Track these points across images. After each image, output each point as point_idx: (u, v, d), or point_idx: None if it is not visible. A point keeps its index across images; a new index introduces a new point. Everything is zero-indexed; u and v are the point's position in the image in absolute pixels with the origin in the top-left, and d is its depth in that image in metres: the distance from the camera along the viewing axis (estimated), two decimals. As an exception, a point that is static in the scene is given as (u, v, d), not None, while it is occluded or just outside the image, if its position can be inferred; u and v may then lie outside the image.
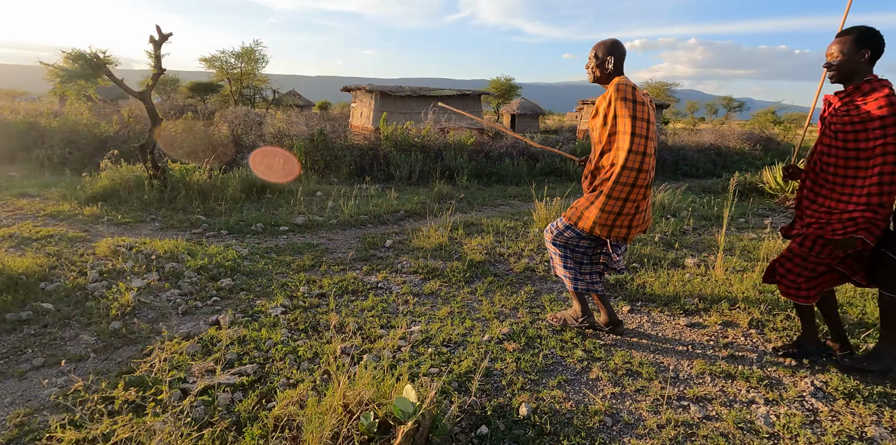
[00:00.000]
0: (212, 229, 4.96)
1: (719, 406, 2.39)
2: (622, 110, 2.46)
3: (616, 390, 2.49)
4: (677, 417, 2.28)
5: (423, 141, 8.75)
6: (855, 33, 2.30)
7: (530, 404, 2.32)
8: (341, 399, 2.04)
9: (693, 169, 11.74)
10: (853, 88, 2.33)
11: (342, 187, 7.46)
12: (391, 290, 3.66)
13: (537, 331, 3.04)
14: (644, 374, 2.63)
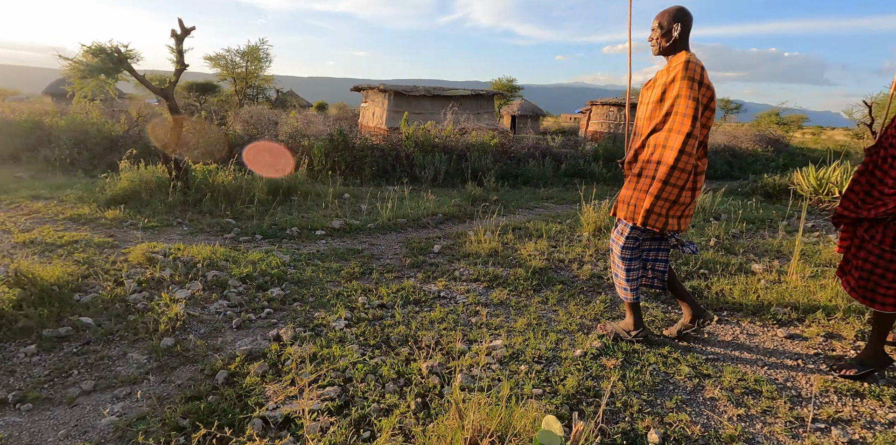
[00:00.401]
0: (245, 233, 4.65)
1: (860, 428, 2.14)
2: (686, 90, 2.25)
3: (741, 411, 2.24)
4: (820, 442, 2.03)
5: (444, 142, 8.49)
6: None
7: (658, 429, 2.06)
8: (464, 431, 1.76)
9: (711, 171, 11.58)
10: None
11: (368, 188, 7.16)
12: (456, 299, 3.39)
13: (630, 345, 2.78)
14: (764, 392, 2.38)
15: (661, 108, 2.36)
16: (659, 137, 2.36)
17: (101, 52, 4.66)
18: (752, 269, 4.11)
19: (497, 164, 8.19)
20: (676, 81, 2.29)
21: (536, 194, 7.43)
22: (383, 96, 11.35)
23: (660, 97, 2.36)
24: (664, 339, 2.88)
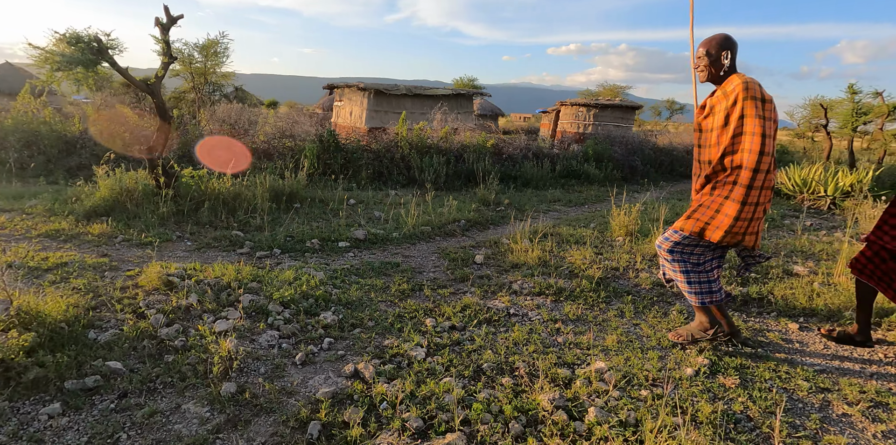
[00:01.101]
0: (259, 247, 4.14)
1: None
2: (751, 110, 2.31)
3: (882, 427, 2.12)
4: None
5: (438, 143, 8.16)
6: None
7: None
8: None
9: (686, 169, 11.93)
10: None
11: (368, 192, 6.72)
12: (529, 317, 3.11)
13: (733, 359, 2.62)
14: (892, 404, 2.28)
15: (726, 132, 2.39)
16: (733, 160, 2.38)
17: (77, 40, 3.99)
18: (795, 271, 4.10)
19: (496, 166, 7.96)
20: (739, 102, 2.33)
21: (543, 197, 7.26)
22: (362, 95, 10.84)
23: (724, 122, 2.40)
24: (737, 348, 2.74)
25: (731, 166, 2.40)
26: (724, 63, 2.46)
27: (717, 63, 2.46)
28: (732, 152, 2.39)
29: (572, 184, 8.54)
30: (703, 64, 2.50)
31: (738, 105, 2.35)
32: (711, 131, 2.49)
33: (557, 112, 19.94)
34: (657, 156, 11.61)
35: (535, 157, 9.08)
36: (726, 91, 2.43)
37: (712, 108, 2.50)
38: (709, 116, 2.52)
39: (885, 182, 8.11)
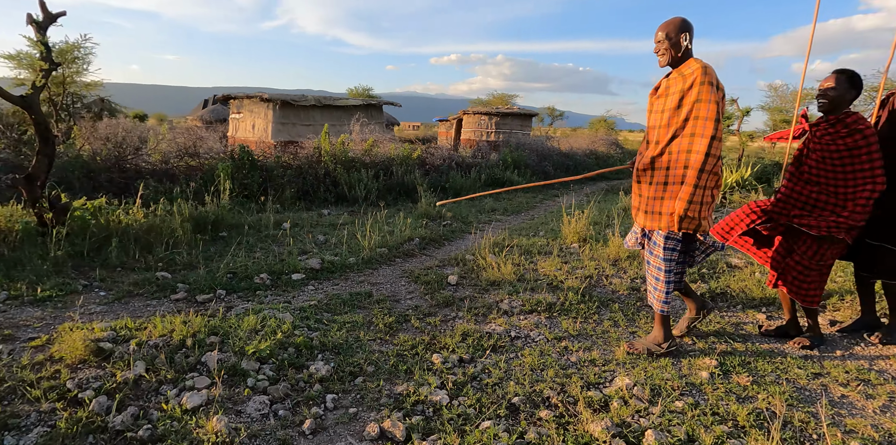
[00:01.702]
0: (198, 290, 3.49)
1: None
2: (706, 95, 2.31)
3: (877, 403, 2.34)
4: None
5: (363, 156, 7.76)
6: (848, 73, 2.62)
7: (853, 441, 1.99)
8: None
9: (588, 172, 12.85)
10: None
11: (296, 213, 6.12)
12: (532, 338, 2.98)
13: (734, 357, 2.74)
14: (873, 380, 2.54)
15: (678, 114, 2.40)
16: (682, 143, 2.40)
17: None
18: (734, 263, 4.51)
19: (425, 177, 7.78)
20: (695, 86, 2.34)
21: (479, 207, 7.23)
22: (266, 107, 9.98)
23: (677, 104, 2.40)
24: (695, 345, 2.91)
25: (679, 149, 2.41)
26: (683, 45, 2.42)
27: (678, 46, 2.43)
28: (682, 136, 2.39)
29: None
30: (664, 47, 2.45)
31: (694, 89, 2.33)
32: (663, 113, 2.47)
33: (459, 121, 20.39)
34: (563, 160, 12.35)
35: (459, 166, 9.09)
36: (684, 74, 2.41)
37: (667, 88, 2.48)
38: (661, 97, 2.51)
39: (761, 177, 9.46)
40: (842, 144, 2.58)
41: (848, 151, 2.58)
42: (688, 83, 2.36)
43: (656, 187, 2.53)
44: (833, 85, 2.60)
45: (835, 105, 2.62)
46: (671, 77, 2.50)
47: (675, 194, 2.45)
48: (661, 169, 2.49)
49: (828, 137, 2.63)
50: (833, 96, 2.60)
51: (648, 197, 2.57)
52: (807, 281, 2.80)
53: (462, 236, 5.46)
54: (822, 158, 2.66)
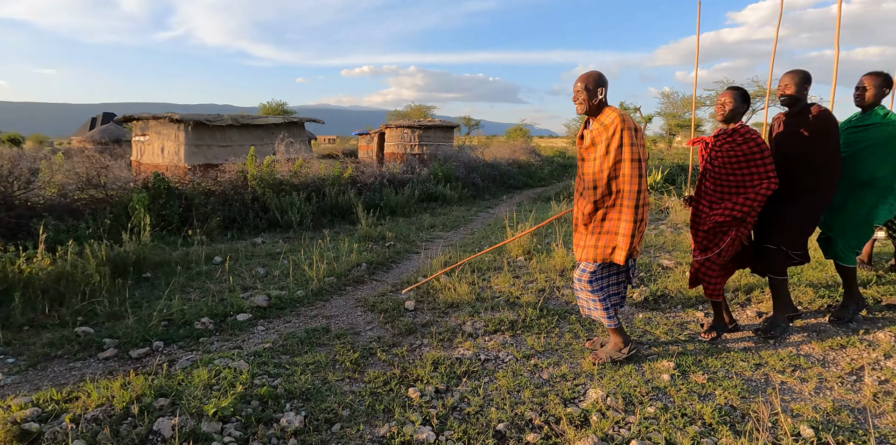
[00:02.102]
0: (130, 343, 3.12)
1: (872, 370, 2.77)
2: (627, 139, 2.58)
3: (811, 386, 2.62)
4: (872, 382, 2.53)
5: (291, 178, 7.43)
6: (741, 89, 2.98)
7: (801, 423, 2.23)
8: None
9: (513, 181, 13.32)
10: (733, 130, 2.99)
11: (230, 244, 5.70)
12: (501, 359, 3.00)
13: (687, 357, 2.95)
14: (804, 365, 2.85)
15: (608, 159, 2.64)
16: (616, 184, 2.65)
17: None
18: (665, 265, 4.89)
19: (359, 197, 7.61)
20: (617, 133, 2.60)
21: (417, 224, 7.20)
22: (177, 128, 9.23)
23: (605, 151, 2.64)
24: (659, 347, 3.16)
25: (615, 190, 2.67)
26: (599, 97, 2.67)
27: (595, 97, 2.67)
28: (615, 177, 2.65)
29: (434, 207, 8.72)
30: (583, 98, 2.68)
31: (616, 135, 2.59)
32: (595, 160, 2.70)
33: (381, 134, 20.28)
34: (490, 171, 12.71)
35: (391, 183, 9.02)
36: (605, 123, 2.65)
37: (593, 139, 2.71)
38: (590, 147, 2.74)
39: (668, 179, 10.37)
40: (739, 151, 2.92)
41: (745, 157, 2.92)
42: (611, 132, 2.61)
43: (594, 224, 2.75)
44: (728, 100, 2.94)
45: (731, 117, 2.97)
46: (593, 128, 2.71)
47: (612, 230, 2.70)
48: (601, 208, 2.72)
49: (727, 146, 2.96)
50: (729, 110, 2.95)
51: (588, 234, 2.78)
52: (709, 275, 3.12)
53: (408, 257, 5.40)
54: (724, 164, 2.99)
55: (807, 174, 3.04)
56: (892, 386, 2.65)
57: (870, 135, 3.21)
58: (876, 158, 3.17)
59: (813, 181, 3.04)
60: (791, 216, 3.09)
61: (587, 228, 2.80)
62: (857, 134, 3.27)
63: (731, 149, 2.95)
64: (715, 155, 3.05)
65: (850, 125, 3.34)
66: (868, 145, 3.20)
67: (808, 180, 3.05)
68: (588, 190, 2.75)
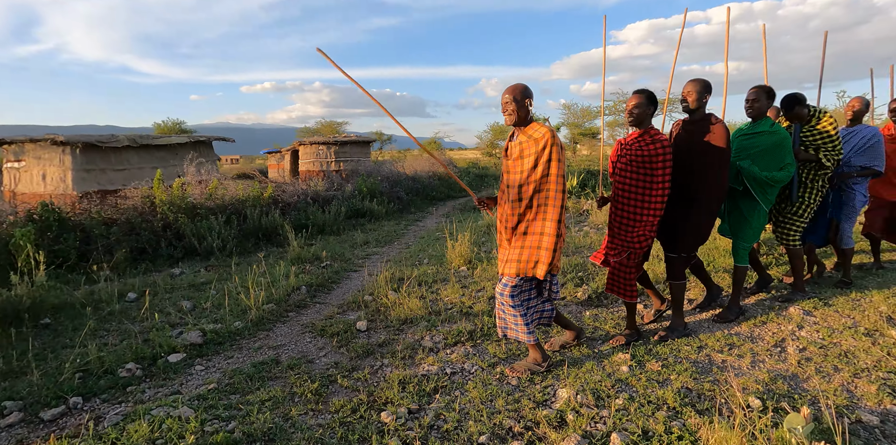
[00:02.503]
0: (40, 403, 2.64)
1: (794, 341, 3.14)
2: (556, 155, 2.63)
3: (747, 361, 2.91)
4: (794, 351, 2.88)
5: (206, 201, 6.87)
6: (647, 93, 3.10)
7: (748, 395, 2.46)
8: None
9: (436, 193, 13.44)
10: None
11: (144, 278, 5.08)
12: (468, 370, 2.98)
13: (638, 347, 3.13)
14: (736, 343, 3.16)
15: (535, 173, 2.67)
16: (540, 197, 2.69)
17: None
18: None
19: (284, 217, 7.22)
20: (547, 148, 2.63)
21: (350, 242, 6.96)
22: (61, 151, 8.12)
23: (533, 164, 2.66)
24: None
25: (538, 204, 2.69)
26: (529, 109, 2.68)
27: (524, 108, 2.67)
28: (540, 191, 2.67)
29: (363, 223, 8.52)
30: (512, 108, 2.67)
31: (546, 150, 2.62)
32: (522, 173, 2.70)
33: (294, 152, 19.52)
34: (413, 184, 12.73)
35: (315, 201, 8.68)
36: (534, 137, 2.67)
37: (521, 152, 2.72)
38: (517, 160, 2.74)
39: (583, 184, 11.09)
40: (646, 151, 3.02)
41: (649, 158, 3.02)
42: (541, 146, 2.63)
43: (518, 237, 2.76)
44: (637, 103, 3.03)
45: (640, 120, 3.06)
46: (521, 141, 2.72)
47: (534, 244, 2.69)
48: (526, 221, 2.74)
49: (636, 145, 3.08)
50: (638, 113, 3.03)
51: (511, 248, 2.78)
52: (624, 279, 3.21)
53: (347, 276, 5.20)
54: (629, 162, 3.09)
55: (703, 178, 3.16)
56: (810, 353, 3.02)
57: (758, 142, 3.45)
58: (763, 162, 3.41)
59: (709, 185, 3.16)
60: (693, 225, 3.21)
61: (510, 243, 2.80)
62: (748, 141, 3.51)
63: (640, 149, 3.05)
64: (624, 153, 3.15)
65: (742, 133, 3.59)
66: (757, 151, 3.44)
67: (705, 184, 3.16)
68: (513, 203, 2.74)
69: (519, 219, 2.75)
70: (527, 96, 2.68)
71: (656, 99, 3.11)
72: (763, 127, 3.49)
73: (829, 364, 2.87)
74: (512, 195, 2.74)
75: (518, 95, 2.67)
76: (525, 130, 2.72)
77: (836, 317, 3.53)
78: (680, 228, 3.25)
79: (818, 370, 2.81)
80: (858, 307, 3.70)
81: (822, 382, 2.67)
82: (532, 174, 2.67)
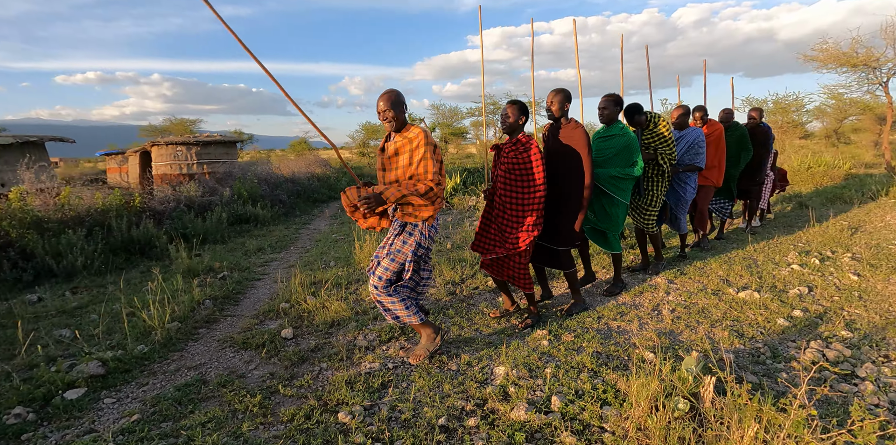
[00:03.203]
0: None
1: (667, 294, 3.88)
2: (429, 154, 2.85)
3: (635, 325, 3.55)
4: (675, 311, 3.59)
5: (53, 213, 5.82)
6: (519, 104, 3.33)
7: (641, 352, 3.04)
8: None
9: (318, 194, 13.02)
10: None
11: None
12: (407, 363, 3.11)
13: (550, 324, 3.58)
14: (624, 310, 3.81)
15: (411, 169, 2.91)
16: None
17: None
18: (496, 254, 5.64)
19: (158, 227, 6.45)
20: (420, 147, 2.86)
21: (241, 250, 6.49)
22: None
23: (409, 162, 2.90)
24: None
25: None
26: (404, 114, 2.90)
27: (401, 115, 2.89)
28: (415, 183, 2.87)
29: (249, 229, 7.97)
30: (391, 116, 2.85)
31: (420, 148, 2.86)
32: (398, 169, 2.94)
33: (145, 153, 17.18)
34: (293, 186, 12.19)
35: (189, 208, 7.88)
36: (409, 138, 2.89)
37: (397, 149, 2.92)
38: (393, 157, 2.96)
39: (466, 181, 11.71)
40: (521, 158, 3.30)
41: (523, 164, 3.30)
42: (415, 144, 2.87)
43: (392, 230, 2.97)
44: (509, 114, 3.29)
45: (513, 129, 3.32)
46: (396, 141, 2.93)
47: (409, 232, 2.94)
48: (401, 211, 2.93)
49: (512, 154, 3.34)
50: (510, 123, 3.29)
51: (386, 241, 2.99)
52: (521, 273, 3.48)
53: (252, 285, 4.92)
54: (508, 170, 3.36)
55: (571, 177, 3.49)
56: (679, 313, 3.76)
57: (612, 143, 3.90)
58: (618, 160, 3.87)
59: (577, 183, 3.48)
60: (569, 221, 3.54)
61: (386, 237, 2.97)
62: (604, 143, 3.95)
63: (516, 157, 3.31)
64: (504, 161, 3.40)
65: (599, 136, 4.02)
66: (612, 152, 3.89)
67: (573, 183, 3.49)
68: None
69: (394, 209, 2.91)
70: (402, 103, 2.89)
71: (527, 108, 3.35)
72: (614, 131, 3.92)
73: (693, 320, 3.62)
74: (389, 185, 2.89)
75: (394, 103, 2.85)
76: (402, 132, 2.92)
77: (691, 283, 4.43)
78: (557, 223, 3.57)
79: (686, 325, 3.53)
80: (704, 273, 4.67)
81: (691, 334, 3.38)
82: (408, 170, 2.88)
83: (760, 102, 19.64)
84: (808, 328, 3.41)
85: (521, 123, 3.32)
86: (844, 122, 20.07)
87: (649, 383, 2.33)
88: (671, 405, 2.25)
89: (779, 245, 5.66)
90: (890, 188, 8.76)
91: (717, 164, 5.42)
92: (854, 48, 11.04)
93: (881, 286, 4.20)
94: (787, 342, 3.21)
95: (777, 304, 3.84)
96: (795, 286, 4.24)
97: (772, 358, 2.98)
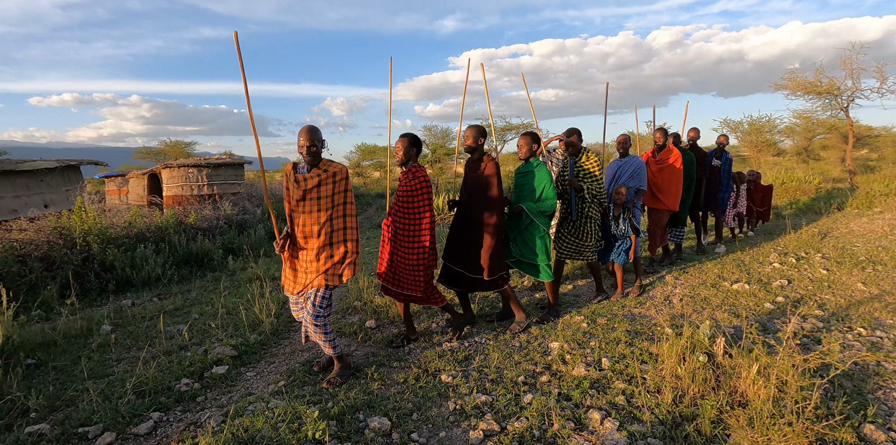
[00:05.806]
0: (121, 423, 2.78)
1: (665, 284, 4.72)
2: (349, 187, 3.21)
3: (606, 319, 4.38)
4: (665, 300, 4.43)
5: (126, 229, 6.46)
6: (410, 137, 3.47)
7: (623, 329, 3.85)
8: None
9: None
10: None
11: (87, 312, 4.77)
12: (478, 342, 3.86)
13: (609, 308, 4.38)
14: (643, 301, 4.63)
15: (335, 199, 3.17)
16: (340, 221, 3.20)
17: None
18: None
19: (216, 240, 7.11)
20: (343, 181, 3.18)
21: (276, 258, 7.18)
22: None
23: (331, 192, 3.14)
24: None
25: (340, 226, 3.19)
26: (321, 149, 3.11)
27: (319, 151, 3.10)
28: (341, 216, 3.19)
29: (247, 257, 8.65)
30: (314, 151, 3.05)
31: (342, 181, 3.16)
32: (320, 199, 3.11)
33: (153, 176, 17.69)
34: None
35: (230, 225, 8.53)
36: (330, 171, 3.13)
37: (320, 181, 3.10)
38: (314, 188, 3.11)
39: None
40: (410, 186, 3.47)
41: (412, 192, 3.47)
42: (338, 178, 3.15)
43: (317, 251, 3.13)
44: (401, 147, 3.45)
45: (405, 160, 3.46)
46: (314, 174, 3.11)
47: (334, 258, 3.17)
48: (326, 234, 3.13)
49: (403, 182, 3.52)
50: (402, 154, 3.45)
51: (309, 261, 3.16)
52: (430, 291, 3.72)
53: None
54: (402, 196, 3.53)
55: (484, 207, 3.69)
56: (686, 301, 4.61)
57: (527, 179, 3.99)
58: (535, 195, 3.93)
59: (490, 213, 3.68)
60: (485, 248, 3.70)
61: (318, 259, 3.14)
62: (521, 179, 4.06)
63: (407, 184, 3.49)
64: (399, 188, 3.57)
65: (518, 171, 4.11)
66: (527, 187, 3.98)
67: (485, 211, 3.68)
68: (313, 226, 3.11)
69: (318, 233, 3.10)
70: (320, 140, 3.10)
71: (420, 141, 3.54)
72: (530, 167, 3.99)
73: (698, 306, 4.47)
74: (311, 218, 3.11)
75: (316, 139, 3.06)
76: (320, 165, 3.14)
77: (693, 279, 5.31)
78: (476, 252, 3.72)
79: (693, 309, 4.38)
80: (702, 271, 5.57)
81: (698, 316, 4.22)
82: (330, 200, 3.12)
83: (737, 124, 21.14)
84: (789, 309, 4.29)
85: (411, 154, 3.46)
86: (813, 140, 21.67)
87: (676, 344, 3.15)
88: (694, 358, 3.06)
89: (762, 248, 6.64)
90: (853, 200, 9.93)
91: (673, 190, 5.49)
92: (818, 78, 12.41)
93: (845, 277, 5.14)
94: (774, 320, 4.07)
95: (764, 293, 4.72)
96: (777, 279, 5.15)
97: (762, 332, 3.83)
